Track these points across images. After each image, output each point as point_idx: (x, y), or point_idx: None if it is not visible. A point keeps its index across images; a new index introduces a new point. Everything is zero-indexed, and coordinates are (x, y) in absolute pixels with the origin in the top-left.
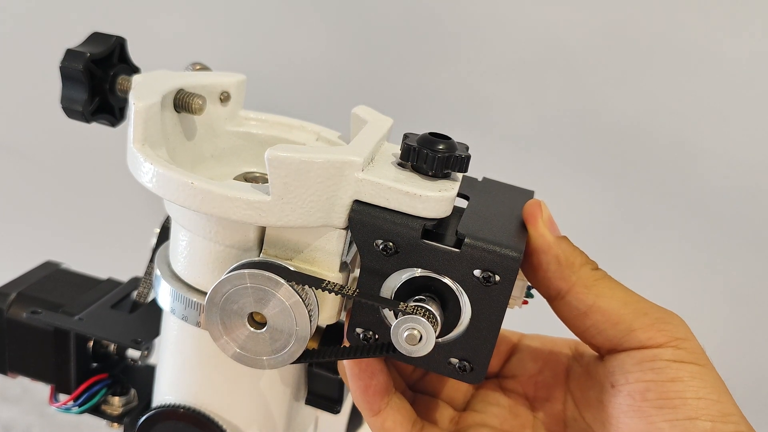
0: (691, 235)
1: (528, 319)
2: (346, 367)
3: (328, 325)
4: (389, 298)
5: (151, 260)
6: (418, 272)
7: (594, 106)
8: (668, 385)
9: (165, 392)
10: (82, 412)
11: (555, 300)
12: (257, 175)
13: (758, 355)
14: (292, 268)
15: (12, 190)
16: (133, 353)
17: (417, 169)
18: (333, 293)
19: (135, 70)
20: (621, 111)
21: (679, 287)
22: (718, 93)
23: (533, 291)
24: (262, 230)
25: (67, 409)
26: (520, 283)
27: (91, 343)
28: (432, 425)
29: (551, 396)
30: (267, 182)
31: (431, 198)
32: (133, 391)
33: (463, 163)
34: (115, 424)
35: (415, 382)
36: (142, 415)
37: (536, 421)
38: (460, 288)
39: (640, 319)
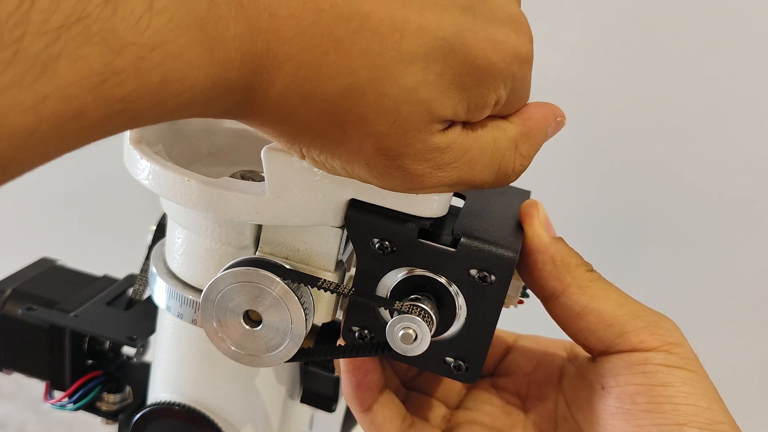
0: (689, 236)
1: (523, 320)
2: (341, 364)
3: (323, 324)
4: (385, 297)
5: (147, 257)
6: (414, 271)
7: (590, 105)
8: (658, 390)
9: (160, 390)
10: (77, 409)
11: (549, 300)
12: (254, 172)
13: (756, 357)
14: (287, 267)
15: (8, 186)
16: (128, 350)
17: None
18: (329, 292)
19: None
20: (618, 111)
21: (677, 288)
22: (717, 93)
23: (529, 291)
24: (258, 228)
25: (62, 406)
26: (516, 282)
27: (86, 340)
28: (422, 422)
29: (543, 395)
30: (263, 180)
31: (428, 197)
32: (128, 389)
33: None
34: (110, 421)
35: (409, 380)
36: (137, 413)
37: (527, 419)
38: (456, 287)
39: (633, 322)
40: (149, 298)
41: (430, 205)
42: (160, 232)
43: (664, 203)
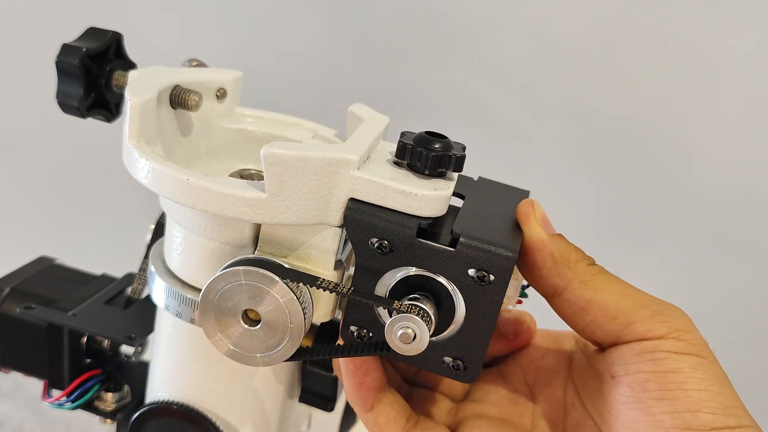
0: (689, 234)
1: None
2: (341, 364)
3: (322, 323)
4: (384, 296)
5: (146, 256)
6: (412, 271)
7: (591, 105)
8: (669, 376)
9: (158, 389)
10: (75, 408)
11: (553, 298)
12: (253, 172)
13: (755, 356)
14: (286, 266)
15: (7, 185)
16: (126, 349)
17: (412, 168)
18: (327, 291)
19: (131, 65)
20: (618, 110)
21: (677, 286)
22: (716, 92)
23: (527, 290)
24: (257, 227)
25: (60, 405)
26: (515, 282)
27: (84, 339)
28: (427, 419)
29: (552, 382)
30: (262, 179)
31: (426, 197)
32: (126, 387)
33: (458, 162)
34: (108, 420)
35: (411, 376)
36: (136, 412)
37: (536, 407)
38: (455, 287)
39: (639, 312)
40: (148, 297)
41: (429, 204)
42: (158, 231)
43: (666, 199)
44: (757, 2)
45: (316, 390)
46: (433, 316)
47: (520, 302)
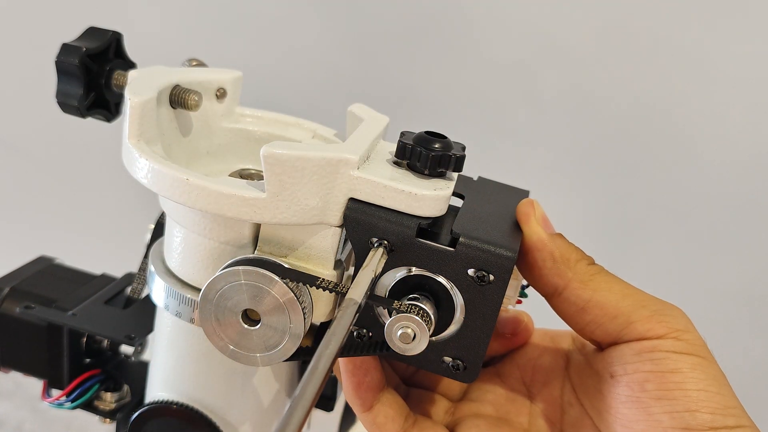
0: (689, 233)
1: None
2: (340, 364)
3: (322, 323)
4: (383, 296)
5: (146, 256)
6: (412, 271)
7: (591, 105)
8: (668, 376)
9: (158, 388)
10: (74, 408)
11: (552, 297)
12: (253, 171)
13: (753, 356)
14: (286, 266)
15: (6, 184)
16: (126, 349)
17: (412, 168)
18: (327, 291)
19: (131, 65)
20: (618, 110)
21: (677, 285)
22: (715, 91)
23: (527, 290)
24: (257, 227)
25: (60, 405)
26: (515, 282)
27: (84, 339)
28: (425, 419)
29: (549, 380)
30: (262, 179)
31: (426, 197)
32: (126, 387)
33: (457, 162)
34: (108, 419)
35: (409, 376)
36: (135, 411)
37: (533, 406)
38: (455, 287)
39: (639, 312)
40: (147, 297)
41: (429, 204)
42: (158, 230)
43: (666, 198)
44: (758, 1)
45: None
46: (432, 316)
47: (519, 302)
